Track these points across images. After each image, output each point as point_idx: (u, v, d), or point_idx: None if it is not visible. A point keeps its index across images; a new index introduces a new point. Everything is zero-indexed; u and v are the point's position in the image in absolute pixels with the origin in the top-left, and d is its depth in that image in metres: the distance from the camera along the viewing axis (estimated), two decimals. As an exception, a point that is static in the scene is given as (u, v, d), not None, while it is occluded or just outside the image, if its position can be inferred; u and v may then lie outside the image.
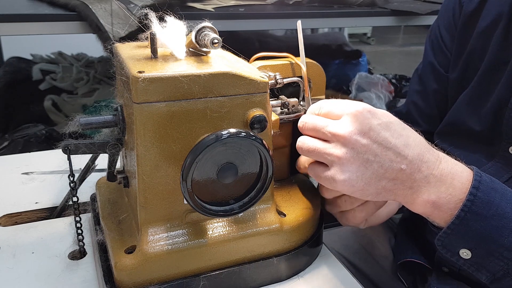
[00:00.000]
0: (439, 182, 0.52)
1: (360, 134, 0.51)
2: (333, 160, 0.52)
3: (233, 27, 1.39)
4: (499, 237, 0.51)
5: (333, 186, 0.54)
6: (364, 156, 0.51)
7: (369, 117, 0.52)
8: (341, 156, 0.51)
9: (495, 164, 0.70)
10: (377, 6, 1.61)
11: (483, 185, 0.52)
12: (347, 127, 0.51)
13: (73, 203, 0.60)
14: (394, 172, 0.52)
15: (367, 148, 0.51)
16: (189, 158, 0.49)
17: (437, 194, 0.52)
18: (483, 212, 0.51)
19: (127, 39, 0.68)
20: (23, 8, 1.28)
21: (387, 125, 0.52)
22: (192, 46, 0.55)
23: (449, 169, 0.53)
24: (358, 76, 2.10)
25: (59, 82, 1.78)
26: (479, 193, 0.51)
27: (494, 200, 0.51)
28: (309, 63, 0.71)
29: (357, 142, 0.51)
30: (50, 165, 0.89)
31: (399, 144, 0.51)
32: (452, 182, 0.52)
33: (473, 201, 0.51)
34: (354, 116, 0.52)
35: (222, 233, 0.57)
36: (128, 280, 0.53)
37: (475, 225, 0.51)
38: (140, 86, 0.48)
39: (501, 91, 0.69)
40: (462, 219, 0.51)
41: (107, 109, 0.57)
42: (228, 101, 0.52)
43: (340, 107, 0.54)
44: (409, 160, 0.52)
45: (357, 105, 0.53)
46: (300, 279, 0.62)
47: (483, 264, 0.53)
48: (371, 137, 0.51)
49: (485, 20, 0.74)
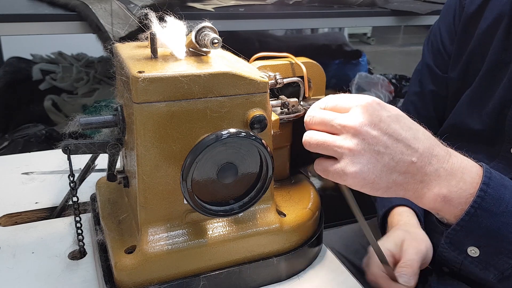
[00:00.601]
0: (450, 176, 0.51)
1: (371, 125, 0.50)
2: (343, 152, 0.51)
3: (233, 27, 1.39)
4: (508, 234, 0.50)
5: (343, 179, 0.52)
6: (375, 148, 0.50)
7: (379, 109, 0.51)
8: (352, 148, 0.50)
9: (497, 165, 0.70)
10: (377, 6, 1.61)
11: (493, 182, 0.51)
12: (357, 119, 0.50)
13: (73, 203, 0.60)
14: (405, 165, 0.50)
15: (378, 139, 0.50)
16: (189, 158, 0.49)
17: (448, 188, 0.51)
18: (493, 208, 0.50)
19: (127, 39, 0.68)
20: (23, 8, 1.28)
21: (396, 118, 0.51)
22: (192, 46, 0.55)
23: (459, 163, 0.52)
24: (358, 76, 2.10)
25: (59, 82, 1.78)
26: (489, 189, 0.50)
27: (504, 197, 0.51)
28: (309, 63, 0.71)
29: (368, 133, 0.50)
30: (50, 165, 0.89)
31: (409, 136, 0.51)
32: (463, 176, 0.51)
33: (483, 198, 0.50)
34: (364, 107, 0.51)
35: (222, 233, 0.57)
36: (128, 280, 0.53)
37: (484, 222, 0.50)
38: (140, 86, 0.48)
39: (503, 92, 0.69)
40: (472, 215, 0.50)
41: (107, 109, 0.57)
42: (228, 101, 0.52)
43: (348, 100, 0.53)
44: (419, 153, 0.51)
45: (366, 97, 0.52)
46: (300, 279, 0.62)
47: (491, 262, 0.53)
48: (382, 128, 0.50)
49: (486, 21, 0.74)
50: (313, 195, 0.67)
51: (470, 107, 0.75)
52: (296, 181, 0.70)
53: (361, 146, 0.50)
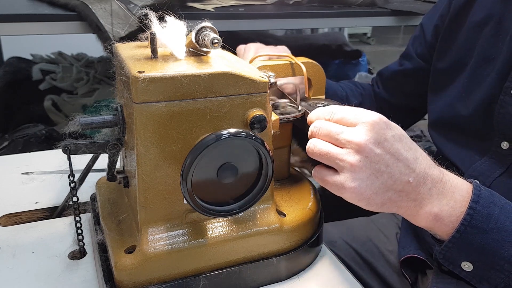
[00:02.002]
0: (441, 195, 0.53)
1: (375, 143, 0.51)
2: (345, 166, 0.52)
3: (233, 27, 1.39)
4: (499, 249, 0.52)
5: (341, 192, 0.54)
6: (376, 166, 0.51)
7: (385, 128, 0.52)
8: (354, 163, 0.51)
9: (488, 160, 0.70)
10: (377, 6, 1.61)
11: (483, 199, 0.53)
12: (363, 135, 0.51)
13: (73, 203, 0.60)
14: (401, 184, 0.52)
15: (380, 158, 0.51)
16: (189, 158, 0.49)
17: (439, 206, 0.53)
18: (483, 225, 0.52)
19: (127, 39, 0.68)
20: (23, 8, 1.28)
21: (400, 137, 0.53)
22: (192, 46, 0.55)
23: (451, 182, 0.54)
24: (358, 76, 2.10)
25: (59, 82, 1.78)
26: (479, 206, 0.53)
27: (493, 213, 0.53)
28: (309, 63, 0.71)
29: (372, 151, 0.51)
30: (50, 165, 0.89)
31: (410, 157, 0.52)
32: (453, 195, 0.54)
33: (472, 215, 0.52)
34: (371, 125, 0.52)
35: (222, 233, 0.57)
36: (128, 280, 0.53)
37: (475, 239, 0.52)
38: (140, 86, 0.48)
39: (491, 87, 0.70)
40: (462, 233, 0.53)
41: (107, 109, 0.57)
42: (228, 101, 0.52)
43: (355, 115, 0.54)
44: (416, 173, 0.53)
45: (373, 115, 0.53)
46: (300, 279, 0.62)
47: (485, 277, 0.54)
48: (385, 147, 0.52)
49: (476, 15, 0.75)
50: (313, 195, 0.67)
51: (459, 102, 0.76)
52: (296, 181, 0.70)
53: (363, 163, 0.51)
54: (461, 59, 0.77)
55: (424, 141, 1.68)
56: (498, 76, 0.69)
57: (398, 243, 0.87)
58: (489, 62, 0.71)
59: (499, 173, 0.69)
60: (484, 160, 0.71)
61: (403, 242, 0.83)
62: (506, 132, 0.67)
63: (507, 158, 0.68)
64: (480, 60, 0.73)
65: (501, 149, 0.69)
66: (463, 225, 0.52)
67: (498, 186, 0.68)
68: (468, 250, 0.53)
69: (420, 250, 0.78)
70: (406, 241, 0.82)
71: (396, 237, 0.89)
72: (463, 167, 0.74)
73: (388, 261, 0.85)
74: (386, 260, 0.85)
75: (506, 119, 0.67)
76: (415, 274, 0.80)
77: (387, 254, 0.86)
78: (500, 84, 0.68)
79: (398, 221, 0.93)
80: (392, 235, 0.89)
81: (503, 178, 0.68)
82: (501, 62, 0.69)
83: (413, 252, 0.78)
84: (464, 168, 0.73)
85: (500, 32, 0.71)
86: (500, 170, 0.69)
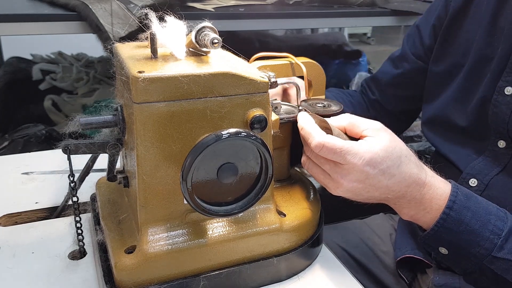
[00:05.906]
0: (419, 204, 0.60)
1: (359, 181, 0.57)
2: (331, 188, 0.60)
3: (233, 27, 1.39)
4: (468, 247, 0.59)
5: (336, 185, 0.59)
6: (368, 181, 0.57)
7: (375, 164, 0.56)
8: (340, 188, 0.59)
9: (485, 158, 0.71)
10: (377, 6, 1.61)
11: (457, 205, 0.59)
12: (351, 177, 0.57)
13: (73, 203, 0.60)
14: (383, 196, 0.59)
15: (375, 178, 0.57)
16: (189, 158, 0.49)
17: (416, 211, 0.61)
18: (454, 228, 0.59)
19: (127, 39, 0.68)
20: (23, 8, 1.27)
21: (383, 171, 0.57)
22: (192, 46, 0.55)
23: (430, 194, 0.60)
24: (358, 76, 2.10)
25: (59, 82, 1.78)
26: (452, 212, 0.59)
27: (464, 218, 0.59)
28: (309, 63, 0.71)
29: (368, 174, 0.56)
30: (50, 165, 0.89)
31: (390, 183, 0.58)
32: (430, 205, 0.60)
33: (445, 219, 0.59)
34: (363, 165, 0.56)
35: (222, 233, 0.57)
36: (128, 280, 0.53)
37: (447, 237, 0.60)
38: (140, 86, 0.48)
39: (487, 87, 0.70)
40: (436, 232, 0.60)
41: (107, 109, 0.57)
42: (228, 101, 0.52)
43: (363, 124, 0.59)
44: (395, 192, 0.59)
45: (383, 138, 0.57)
46: (300, 279, 0.62)
47: (457, 262, 0.62)
48: (366, 183, 0.57)
49: (472, 18, 0.75)
50: (313, 195, 0.67)
51: (456, 103, 0.76)
52: (296, 181, 0.70)
53: (356, 184, 0.57)
54: (458, 61, 0.77)
55: (424, 141, 1.68)
56: (493, 76, 0.69)
57: (393, 244, 0.87)
58: (485, 61, 0.72)
59: (497, 172, 0.69)
60: (482, 159, 0.72)
61: (399, 243, 0.83)
62: (501, 131, 0.68)
63: (504, 157, 0.69)
64: (477, 60, 0.73)
65: (498, 148, 0.69)
66: (437, 226, 0.60)
67: (496, 184, 0.69)
68: (442, 242, 0.61)
69: (417, 250, 0.78)
70: (403, 241, 0.82)
71: (390, 238, 0.89)
72: (461, 166, 0.74)
73: (383, 262, 0.84)
74: (380, 261, 0.85)
75: (499, 118, 0.68)
76: (412, 274, 0.80)
77: (381, 256, 0.85)
78: (494, 83, 0.69)
79: (393, 222, 0.93)
80: (386, 236, 0.89)
81: (501, 177, 0.69)
82: (495, 62, 0.69)
83: (409, 252, 0.78)
84: (462, 167, 0.74)
85: (495, 32, 0.71)
86: (498, 169, 0.69)
